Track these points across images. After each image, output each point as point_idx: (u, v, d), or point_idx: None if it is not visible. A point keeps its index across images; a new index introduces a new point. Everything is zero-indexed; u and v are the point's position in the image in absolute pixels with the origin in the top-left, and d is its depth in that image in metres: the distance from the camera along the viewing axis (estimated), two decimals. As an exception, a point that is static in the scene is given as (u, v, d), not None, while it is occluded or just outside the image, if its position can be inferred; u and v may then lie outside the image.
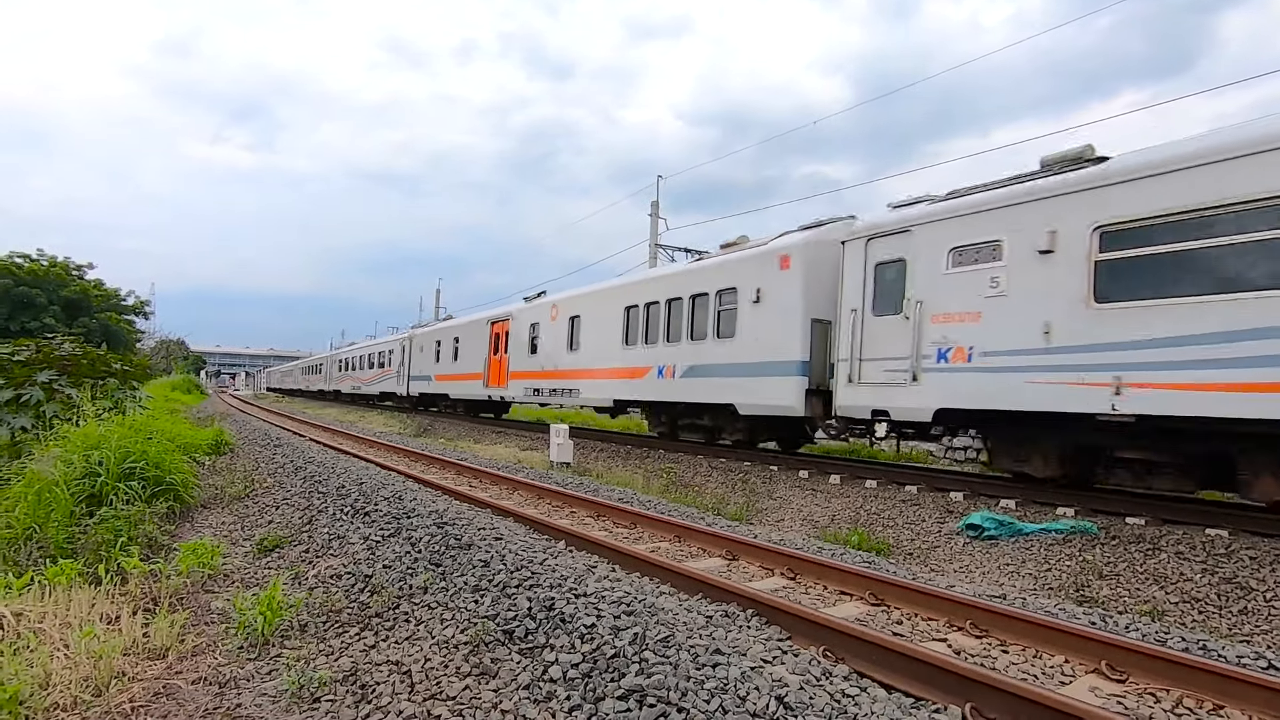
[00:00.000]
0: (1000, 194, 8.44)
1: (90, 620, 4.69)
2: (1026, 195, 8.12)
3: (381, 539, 6.07)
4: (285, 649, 4.33)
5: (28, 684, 3.77)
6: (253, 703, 3.63)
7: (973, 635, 4.17)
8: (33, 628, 4.58)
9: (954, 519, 8.53)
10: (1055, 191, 7.83)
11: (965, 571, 7.23)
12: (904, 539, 8.30)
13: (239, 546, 6.99)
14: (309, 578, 5.60)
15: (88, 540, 6.53)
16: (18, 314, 45.76)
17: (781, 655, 3.46)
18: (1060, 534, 7.53)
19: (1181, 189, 6.72)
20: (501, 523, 6.39)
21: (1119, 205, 7.19)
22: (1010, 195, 8.30)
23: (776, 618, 3.98)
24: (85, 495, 7.62)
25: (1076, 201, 7.58)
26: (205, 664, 4.20)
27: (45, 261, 50.27)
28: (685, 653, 3.37)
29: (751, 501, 10.51)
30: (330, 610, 4.83)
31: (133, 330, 57.35)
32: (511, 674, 3.55)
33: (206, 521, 8.25)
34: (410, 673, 3.78)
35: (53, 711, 3.66)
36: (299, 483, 9.28)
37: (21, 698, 3.65)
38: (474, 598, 4.45)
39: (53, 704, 3.72)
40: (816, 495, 10.39)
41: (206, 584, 5.73)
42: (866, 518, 9.15)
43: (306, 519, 7.40)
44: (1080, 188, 7.58)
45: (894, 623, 4.39)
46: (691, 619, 3.87)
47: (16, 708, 3.59)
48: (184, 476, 8.89)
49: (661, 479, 12.14)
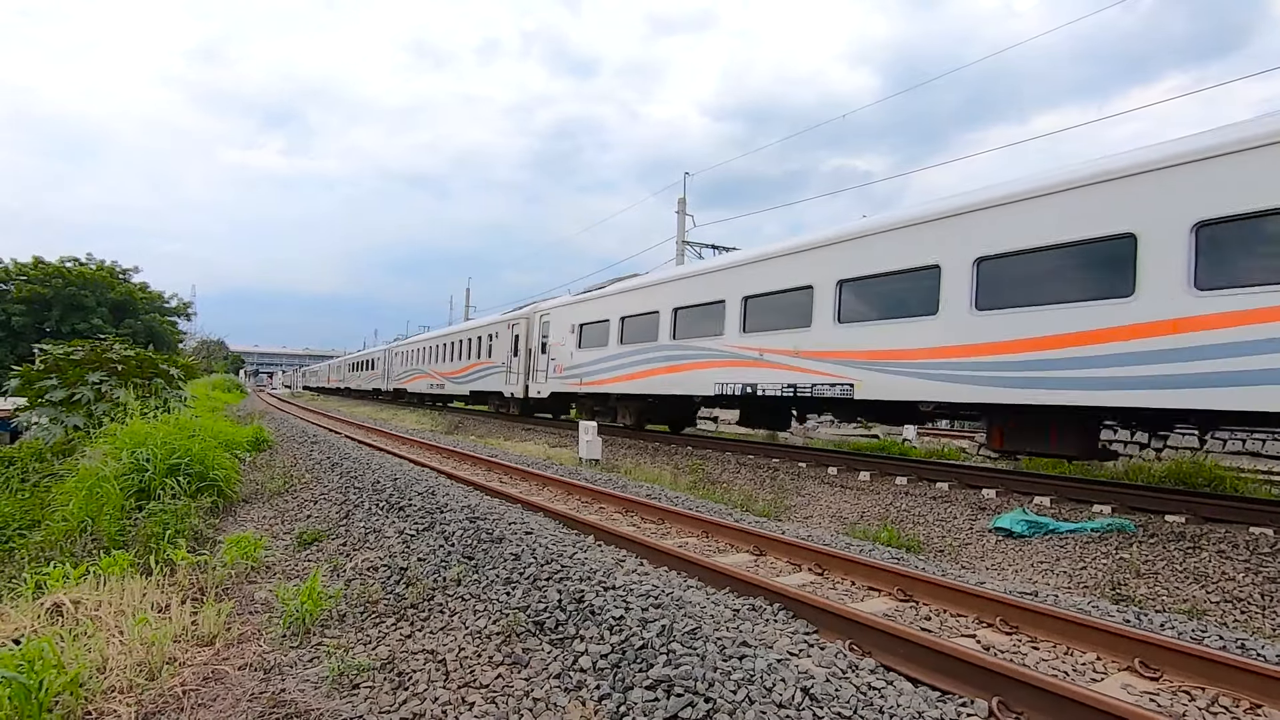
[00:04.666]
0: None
1: (143, 608, 4.91)
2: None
3: (416, 533, 6.23)
4: (326, 638, 4.49)
5: (86, 668, 3.98)
6: (296, 688, 3.78)
7: (1002, 632, 4.15)
8: (90, 615, 4.81)
9: (986, 516, 8.43)
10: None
11: (997, 569, 7.15)
12: (934, 536, 8.23)
13: (280, 540, 7.21)
14: (346, 570, 5.78)
15: (138, 533, 6.80)
16: (69, 316, 47.60)
17: (808, 648, 3.50)
18: (1096, 532, 7.39)
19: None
20: (532, 518, 6.50)
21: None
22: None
23: (803, 611, 4.01)
24: (134, 490, 7.95)
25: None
26: (251, 651, 4.38)
27: (93, 265, 52.18)
28: (712, 645, 3.42)
29: (779, 498, 10.50)
30: (368, 601, 4.98)
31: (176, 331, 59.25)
32: (543, 664, 3.64)
33: (248, 516, 8.53)
34: (445, 661, 3.90)
35: (110, 694, 3.85)
36: (335, 478, 9.53)
37: (81, 680, 3.85)
38: (505, 590, 4.56)
39: (110, 687, 3.92)
40: (845, 492, 10.34)
41: (250, 575, 5.94)
42: (896, 514, 9.08)
43: (343, 513, 7.61)
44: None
45: (922, 618, 4.38)
46: (718, 612, 3.93)
47: (78, 690, 3.78)
48: (226, 472, 9.20)
49: (689, 475, 12.19)
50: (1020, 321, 8.34)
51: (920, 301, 9.56)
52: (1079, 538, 7.37)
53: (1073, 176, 8.00)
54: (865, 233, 10.65)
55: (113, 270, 53.07)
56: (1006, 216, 8.64)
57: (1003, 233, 8.62)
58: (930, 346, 9.36)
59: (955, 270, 9.13)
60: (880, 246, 10.29)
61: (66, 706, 3.63)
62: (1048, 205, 8.19)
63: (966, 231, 9.05)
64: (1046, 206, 8.20)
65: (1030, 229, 8.34)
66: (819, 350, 11.07)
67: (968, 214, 9.08)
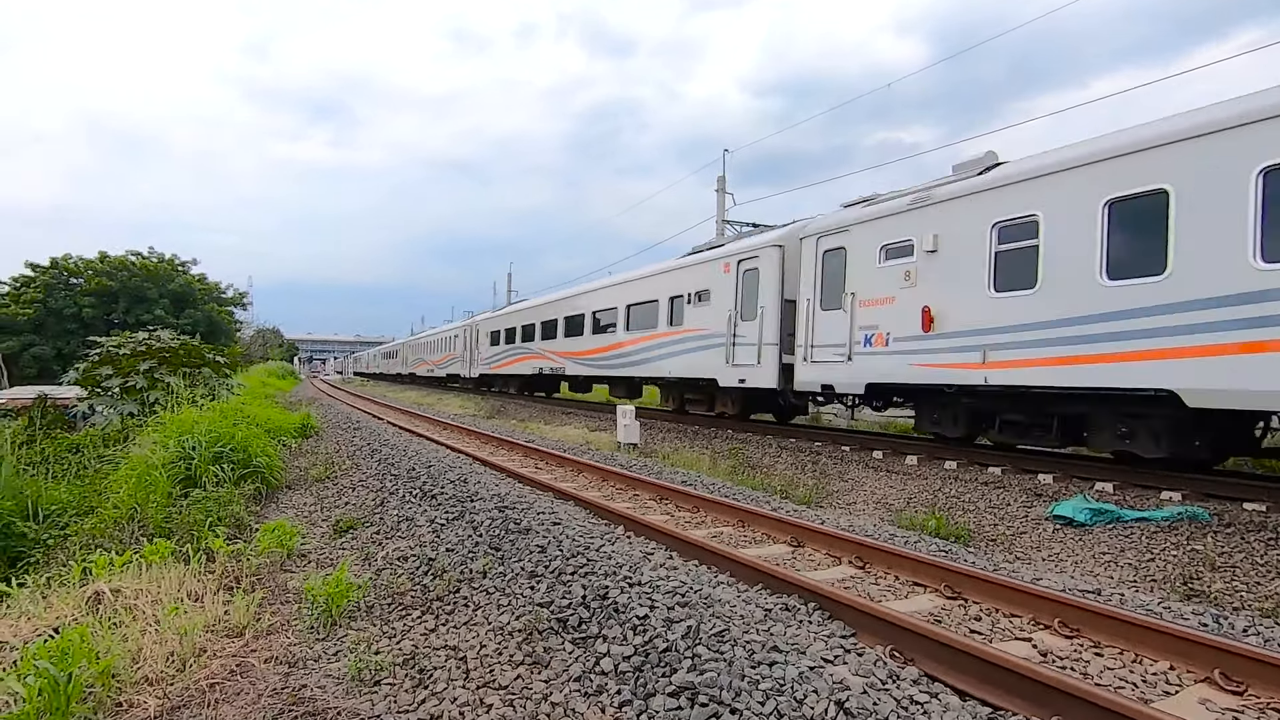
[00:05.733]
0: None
1: (180, 597, 4.96)
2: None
3: (446, 522, 6.17)
4: (352, 630, 4.44)
5: (121, 658, 4.01)
6: (317, 684, 3.72)
7: (1061, 635, 3.82)
8: (128, 604, 4.88)
9: (1042, 503, 7.97)
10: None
11: (1054, 561, 6.73)
12: (986, 524, 7.82)
13: (317, 527, 7.28)
14: (378, 559, 5.75)
15: (181, 520, 6.94)
16: (134, 307, 49.79)
17: (844, 654, 3.25)
18: (1166, 521, 6.88)
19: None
20: (562, 507, 6.38)
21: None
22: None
23: (840, 612, 3.76)
24: (181, 478, 8.14)
25: None
26: (278, 643, 4.36)
27: (155, 259, 54.37)
28: (740, 649, 3.21)
29: (822, 484, 10.18)
30: (395, 592, 4.93)
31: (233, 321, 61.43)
32: (563, 664, 3.50)
33: (290, 502, 8.67)
34: (466, 659, 3.79)
35: (141, 685, 3.86)
36: (374, 465, 9.62)
37: (114, 671, 3.87)
38: (530, 584, 4.43)
39: (142, 677, 3.94)
40: (891, 477, 9.95)
41: (285, 564, 5.98)
42: (945, 501, 8.67)
43: (379, 501, 7.64)
44: None
45: (972, 618, 4.08)
46: (749, 612, 3.71)
47: (110, 680, 3.80)
48: (269, 460, 9.37)
49: (729, 460, 11.94)
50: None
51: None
52: (1146, 527, 6.88)
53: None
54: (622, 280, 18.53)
55: (173, 263, 55.19)
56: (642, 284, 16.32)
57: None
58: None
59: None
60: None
61: (97, 697, 3.66)
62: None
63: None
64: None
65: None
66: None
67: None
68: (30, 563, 6.77)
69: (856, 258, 11.00)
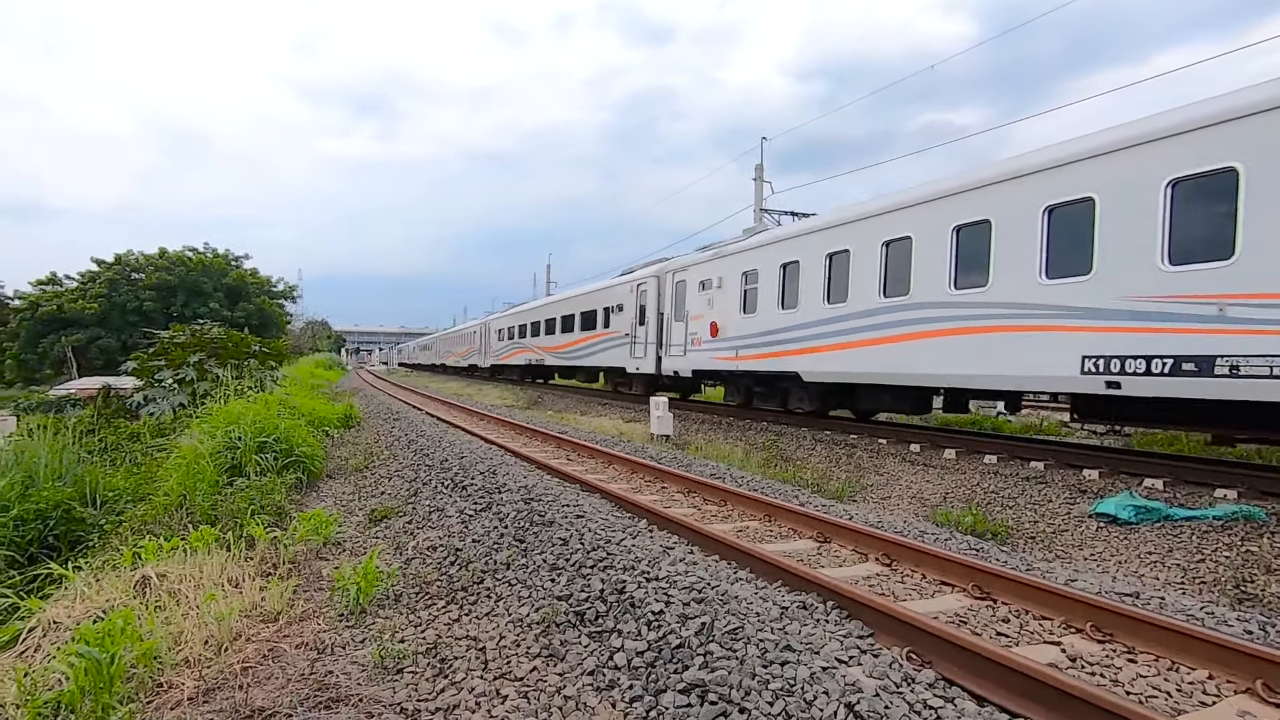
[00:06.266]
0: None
1: (220, 583, 5.16)
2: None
3: (474, 513, 6.27)
4: (379, 618, 4.56)
5: (164, 640, 4.20)
6: (342, 670, 3.84)
7: (1093, 639, 3.68)
8: (173, 588, 5.10)
9: (1087, 500, 7.69)
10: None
11: (1097, 560, 6.50)
12: (1025, 521, 7.58)
13: (354, 516, 7.49)
14: (408, 549, 5.89)
15: (225, 508, 7.22)
16: (191, 301, 51.84)
17: (859, 655, 3.20)
18: (1219, 520, 6.57)
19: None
20: (587, 499, 6.42)
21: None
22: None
23: (859, 611, 3.69)
24: (227, 467, 8.46)
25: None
26: (309, 629, 4.51)
27: (210, 254, 56.45)
28: (753, 647, 3.19)
29: (856, 477, 10.02)
30: (422, 582, 5.04)
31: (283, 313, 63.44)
32: (578, 658, 3.53)
33: (329, 491, 8.93)
34: (485, 649, 3.85)
35: (180, 666, 4.04)
36: (410, 455, 9.83)
37: (156, 653, 4.06)
38: (550, 576, 4.48)
39: (182, 659, 4.12)
40: (928, 471, 9.73)
41: (321, 552, 6.17)
42: (983, 496, 8.44)
43: (413, 491, 7.81)
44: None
45: (999, 620, 3.97)
46: (765, 609, 3.68)
47: (152, 662, 3.99)
48: (310, 450, 9.66)
49: (762, 452, 11.84)
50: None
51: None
52: (1197, 526, 6.58)
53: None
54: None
55: (226, 257, 57.24)
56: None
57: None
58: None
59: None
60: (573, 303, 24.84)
61: (140, 678, 3.84)
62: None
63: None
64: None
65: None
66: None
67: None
68: (88, 546, 7.12)
69: (688, 288, 16.83)
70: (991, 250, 8.89)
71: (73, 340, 48.31)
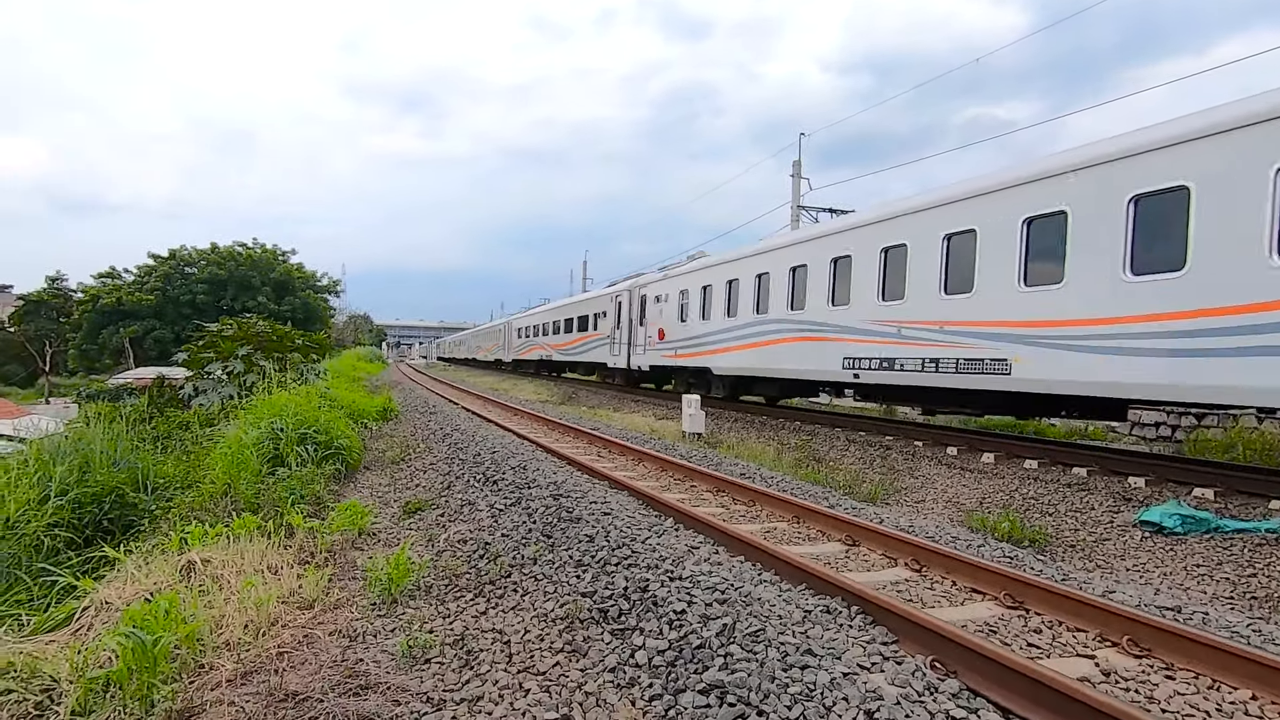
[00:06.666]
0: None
1: (260, 569, 5.35)
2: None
3: (504, 507, 6.37)
4: (409, 609, 4.67)
5: (206, 623, 4.37)
6: (372, 659, 3.95)
7: (1129, 654, 3.57)
8: (216, 573, 5.31)
9: (1130, 508, 7.44)
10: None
11: (1140, 571, 6.28)
12: (1065, 529, 7.37)
13: (389, 507, 7.67)
14: (439, 541, 6.01)
15: (268, 497, 7.46)
16: (240, 294, 53.58)
17: (882, 661, 3.16)
18: (1272, 533, 6.29)
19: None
20: (615, 497, 6.46)
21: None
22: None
23: (883, 617, 3.64)
24: (269, 457, 8.74)
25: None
26: (342, 617, 4.64)
27: (258, 249, 58.21)
28: (774, 650, 3.18)
29: (890, 480, 9.86)
30: (452, 574, 5.14)
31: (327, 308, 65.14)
32: (600, 655, 3.56)
33: (366, 482, 9.16)
34: (510, 643, 3.92)
35: (221, 649, 4.21)
36: (444, 449, 10.02)
37: (199, 636, 4.23)
38: (576, 573, 4.52)
39: (223, 642, 4.29)
40: (965, 475, 9.52)
41: (356, 542, 6.34)
42: (1022, 502, 8.23)
43: (446, 484, 7.96)
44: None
45: (1030, 630, 3.87)
46: (788, 612, 3.66)
47: (195, 645, 4.16)
48: (349, 442, 9.91)
49: (795, 452, 11.74)
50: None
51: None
52: (1249, 539, 6.31)
53: None
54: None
55: (275, 253, 58.98)
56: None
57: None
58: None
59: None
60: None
61: (183, 659, 4.01)
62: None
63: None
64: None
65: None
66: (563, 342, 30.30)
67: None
68: (139, 530, 7.44)
69: (648, 301, 21.40)
70: (805, 286, 13.42)
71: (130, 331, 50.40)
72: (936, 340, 10.10)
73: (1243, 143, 6.73)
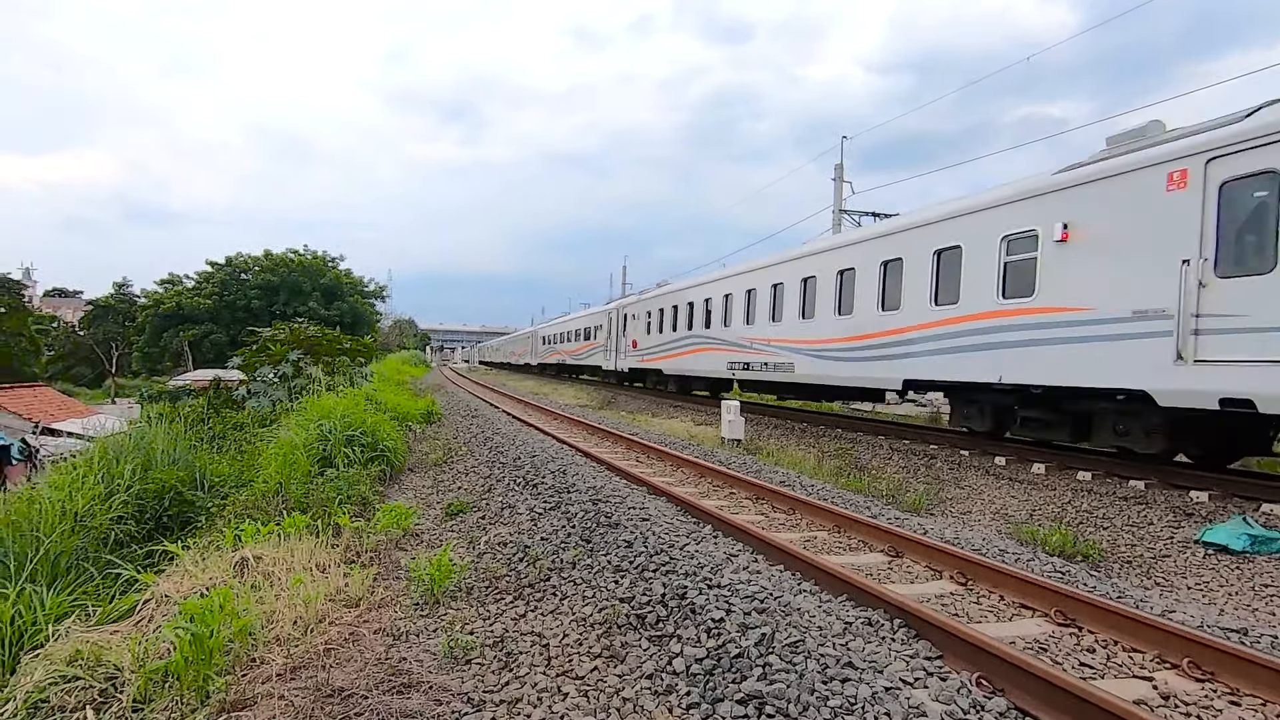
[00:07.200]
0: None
1: (309, 567, 5.50)
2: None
3: (544, 511, 6.43)
4: (451, 609, 4.75)
5: (258, 618, 4.52)
6: (414, 658, 4.03)
7: (1190, 677, 3.41)
8: (267, 570, 5.48)
9: (1192, 524, 7.11)
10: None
11: (1203, 591, 5.99)
12: (1121, 545, 7.08)
13: (432, 509, 7.81)
14: (480, 543, 6.10)
15: (316, 497, 7.68)
16: (292, 299, 55.31)
17: (925, 677, 3.09)
18: (1349, 553, 5.94)
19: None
20: (653, 502, 6.46)
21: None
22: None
23: (927, 631, 3.56)
24: (318, 458, 9.00)
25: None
26: (386, 616, 4.75)
27: (309, 255, 60.06)
28: (814, 661, 3.14)
29: (935, 490, 9.62)
30: (493, 577, 5.21)
31: (374, 312, 66.80)
32: (638, 661, 3.57)
33: (410, 484, 9.36)
34: (549, 646, 3.96)
35: (271, 644, 4.34)
36: (486, 452, 10.17)
37: (251, 630, 4.38)
38: (614, 578, 4.54)
39: (273, 638, 4.43)
40: (1014, 486, 9.24)
41: (400, 542, 6.48)
42: (1075, 515, 7.94)
43: (486, 487, 8.08)
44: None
45: (1083, 649, 3.74)
46: (828, 623, 3.61)
47: (247, 639, 4.30)
48: (394, 444, 10.15)
49: (836, 460, 11.56)
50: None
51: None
52: (1324, 559, 5.97)
53: None
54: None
55: (324, 259, 60.79)
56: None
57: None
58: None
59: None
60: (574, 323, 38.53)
61: (235, 653, 4.15)
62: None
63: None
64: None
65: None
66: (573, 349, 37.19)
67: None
68: (196, 527, 7.75)
69: (628, 318, 26.79)
70: (707, 313, 19.39)
71: (189, 335, 52.55)
72: (767, 351, 15.79)
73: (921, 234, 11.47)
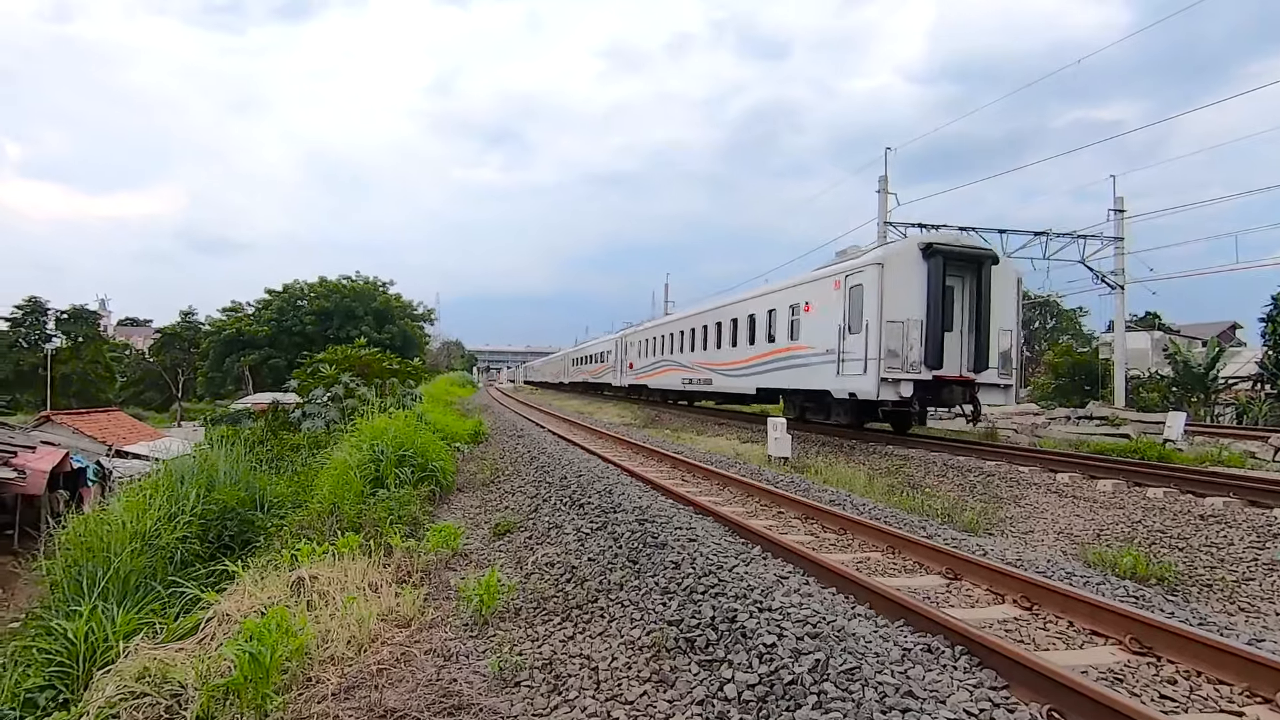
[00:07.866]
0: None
1: (362, 587, 5.59)
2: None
3: (590, 531, 6.42)
4: (500, 630, 4.76)
5: (313, 638, 4.61)
6: (465, 679, 4.04)
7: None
8: (322, 589, 5.60)
9: (1279, 545, 6.66)
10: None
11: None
12: (1200, 567, 6.68)
13: (479, 529, 7.88)
14: (528, 564, 6.12)
15: (369, 517, 7.84)
16: (345, 324, 57.09)
17: (992, 708, 2.94)
18: None
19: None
20: (700, 522, 6.38)
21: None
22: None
23: (991, 659, 3.39)
24: (371, 478, 9.20)
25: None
26: (437, 636, 4.78)
27: (361, 281, 62.01)
28: (871, 690, 3.03)
29: (993, 509, 9.26)
30: (540, 597, 5.21)
31: (423, 335, 68.42)
32: (688, 686, 3.50)
33: (459, 504, 9.47)
34: (598, 669, 3.92)
35: (326, 663, 4.42)
36: (532, 472, 10.24)
37: (307, 649, 4.46)
38: (662, 600, 4.49)
39: (328, 656, 4.50)
40: (1079, 504, 8.83)
41: (450, 562, 6.55)
42: (1146, 535, 7.54)
43: (533, 507, 8.12)
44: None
45: (1163, 680, 3.51)
46: (885, 650, 3.48)
47: (303, 658, 4.39)
48: (443, 464, 10.31)
49: (887, 478, 11.25)
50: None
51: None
52: None
53: None
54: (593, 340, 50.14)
55: (375, 284, 62.69)
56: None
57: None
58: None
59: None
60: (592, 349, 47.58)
61: (292, 671, 4.24)
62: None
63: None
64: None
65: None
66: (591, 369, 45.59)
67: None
68: (256, 547, 7.98)
69: (627, 345, 34.51)
70: (669, 343, 26.81)
71: (249, 360, 54.72)
72: (700, 372, 22.84)
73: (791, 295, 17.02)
